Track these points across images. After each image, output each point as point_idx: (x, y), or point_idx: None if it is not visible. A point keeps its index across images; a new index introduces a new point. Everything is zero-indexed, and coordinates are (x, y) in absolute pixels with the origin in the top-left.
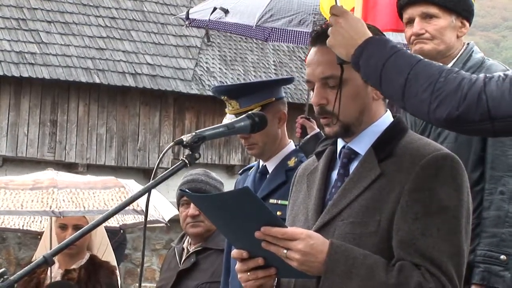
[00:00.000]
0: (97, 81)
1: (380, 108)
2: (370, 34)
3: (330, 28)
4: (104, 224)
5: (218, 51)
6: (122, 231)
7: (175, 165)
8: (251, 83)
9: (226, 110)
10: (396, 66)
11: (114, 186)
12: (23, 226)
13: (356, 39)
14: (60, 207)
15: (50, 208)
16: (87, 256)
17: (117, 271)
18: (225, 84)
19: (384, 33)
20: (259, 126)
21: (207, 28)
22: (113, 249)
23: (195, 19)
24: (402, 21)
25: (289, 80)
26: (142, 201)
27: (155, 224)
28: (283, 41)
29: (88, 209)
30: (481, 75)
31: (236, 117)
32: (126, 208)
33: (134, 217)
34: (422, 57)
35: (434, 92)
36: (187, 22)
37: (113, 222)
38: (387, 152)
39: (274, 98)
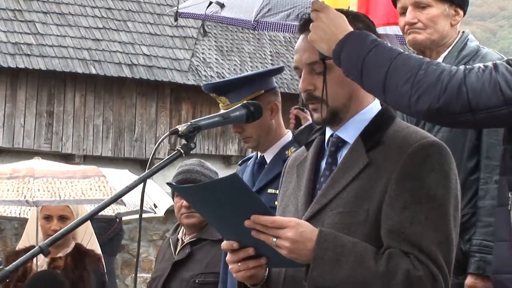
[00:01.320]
0: (94, 72)
1: (368, 96)
2: (351, 29)
3: (311, 24)
4: (99, 214)
5: (215, 41)
6: (117, 220)
7: (170, 155)
8: (236, 79)
9: (220, 106)
10: (376, 60)
11: (95, 175)
12: (19, 214)
13: (337, 34)
14: (34, 196)
15: (24, 197)
16: (72, 244)
17: (102, 259)
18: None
19: (384, 26)
20: (254, 115)
21: (203, 19)
22: (110, 240)
23: (184, 13)
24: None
25: (277, 71)
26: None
27: (148, 214)
28: (270, 30)
29: (64, 198)
30: (461, 67)
31: None
32: (106, 200)
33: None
34: (402, 51)
35: (414, 85)
36: (174, 21)
37: (109, 211)
38: (375, 141)
39: (263, 91)
